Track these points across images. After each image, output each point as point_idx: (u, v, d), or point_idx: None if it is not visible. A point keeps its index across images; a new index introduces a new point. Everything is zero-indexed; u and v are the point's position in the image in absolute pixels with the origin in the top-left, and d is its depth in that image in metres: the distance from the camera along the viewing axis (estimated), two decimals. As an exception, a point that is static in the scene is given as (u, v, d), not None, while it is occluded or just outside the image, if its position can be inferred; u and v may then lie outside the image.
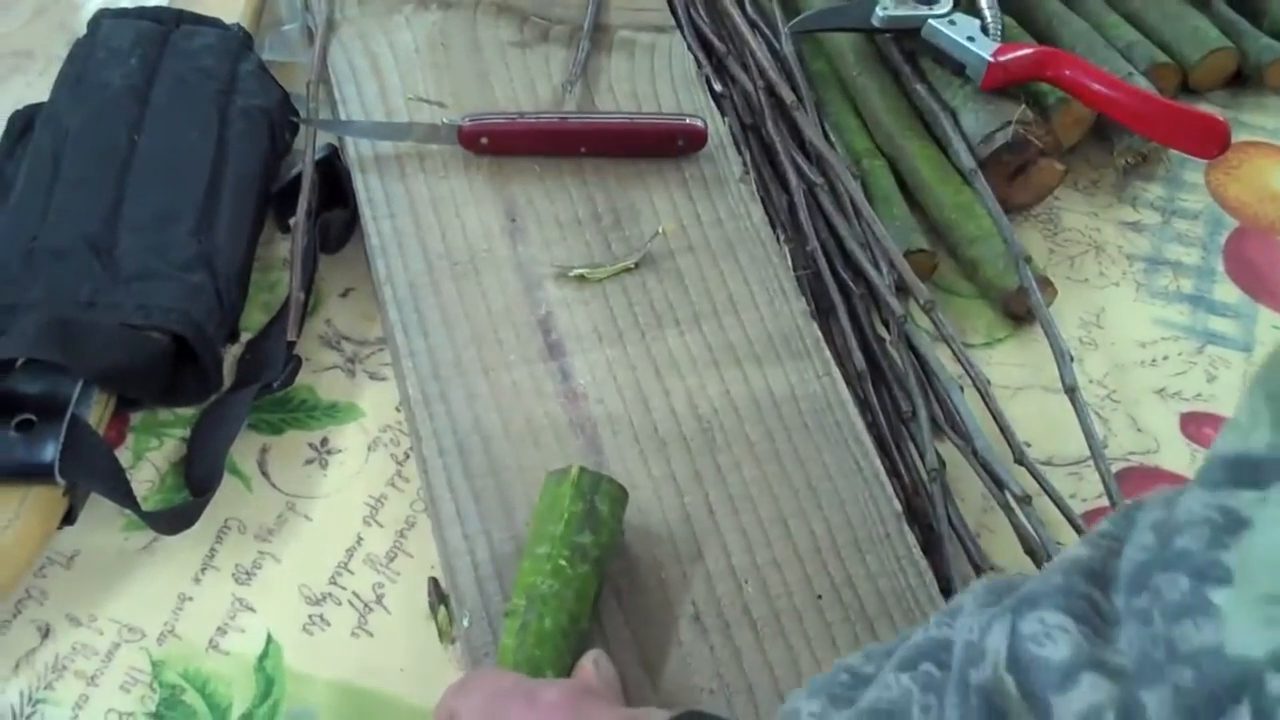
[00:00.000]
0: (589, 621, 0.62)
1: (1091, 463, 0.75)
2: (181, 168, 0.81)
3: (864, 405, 0.77)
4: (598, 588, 0.63)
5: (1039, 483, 0.73)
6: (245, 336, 0.81)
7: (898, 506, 0.71)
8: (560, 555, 0.61)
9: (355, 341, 0.82)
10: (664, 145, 0.84)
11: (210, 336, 0.75)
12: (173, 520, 0.71)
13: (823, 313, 0.82)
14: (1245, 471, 0.33)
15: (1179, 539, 0.34)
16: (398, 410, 0.78)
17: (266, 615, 0.70)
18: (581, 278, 0.77)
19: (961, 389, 0.77)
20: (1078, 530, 0.71)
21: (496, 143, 0.82)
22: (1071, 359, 0.78)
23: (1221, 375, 0.85)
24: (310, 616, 0.70)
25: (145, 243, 0.76)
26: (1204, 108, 0.97)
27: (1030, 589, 0.37)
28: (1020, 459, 0.74)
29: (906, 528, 0.70)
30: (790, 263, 0.80)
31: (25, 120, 0.86)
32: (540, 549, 0.62)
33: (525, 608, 0.60)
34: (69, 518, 0.70)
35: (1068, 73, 0.89)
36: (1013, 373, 0.84)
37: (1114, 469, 0.76)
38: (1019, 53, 0.90)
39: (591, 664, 0.59)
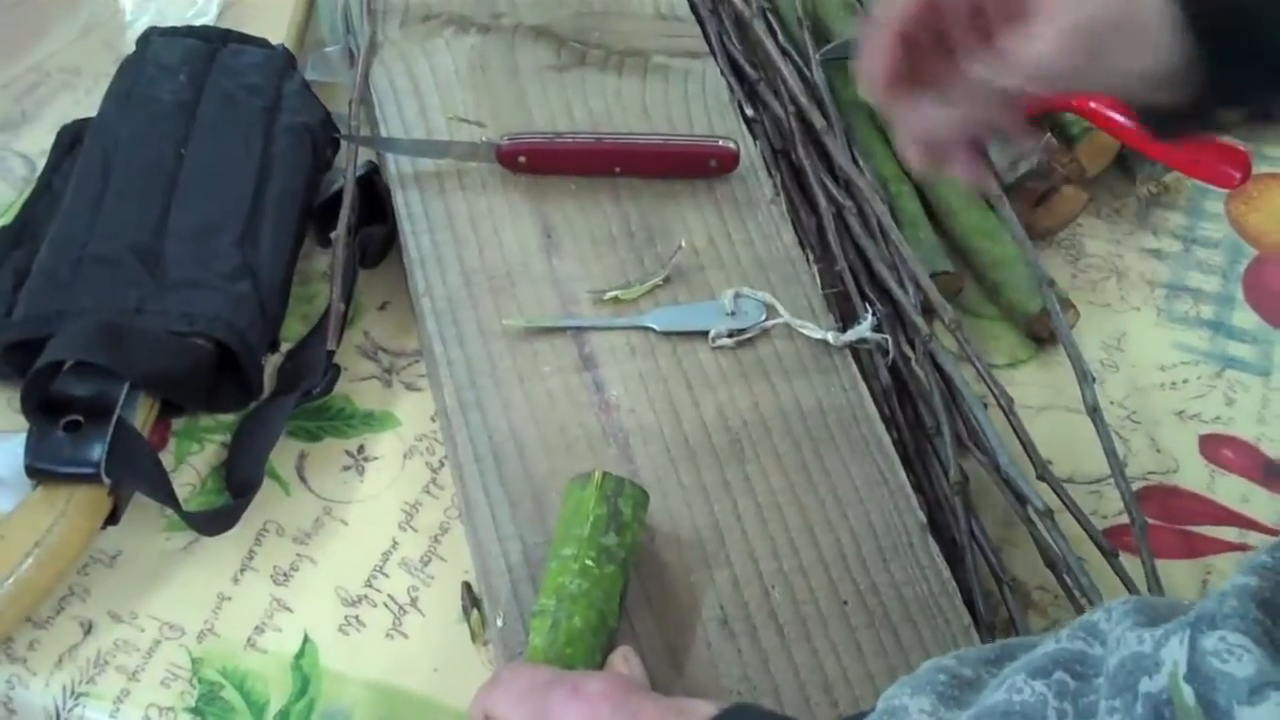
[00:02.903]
0: (616, 621, 0.63)
1: (1112, 481, 0.76)
2: (226, 181, 0.83)
3: (889, 420, 0.78)
4: (623, 588, 0.64)
5: (1060, 498, 0.74)
6: (285, 346, 0.82)
7: (921, 518, 0.72)
8: (587, 556, 0.62)
9: (392, 353, 0.84)
10: (696, 166, 0.85)
11: (252, 345, 0.76)
12: (213, 521, 0.73)
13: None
14: None
15: None
16: (433, 420, 0.80)
17: (303, 615, 0.71)
18: (616, 299, 0.79)
19: (985, 407, 0.78)
20: (1099, 546, 0.72)
21: (534, 161, 0.83)
22: (1093, 380, 0.80)
23: (1240, 399, 0.86)
24: (346, 617, 0.71)
25: (191, 253, 0.78)
26: (1224, 139, 0.98)
27: (1205, 609, 0.38)
28: (1042, 475, 0.75)
29: (930, 539, 0.71)
30: (819, 282, 0.82)
31: (73, 135, 0.89)
32: (567, 550, 0.63)
33: (555, 607, 0.61)
34: (113, 517, 0.72)
35: (1092, 104, 0.90)
36: (1035, 393, 0.85)
37: (1134, 488, 0.77)
38: (1044, 82, 0.91)
39: (622, 660, 0.60)
